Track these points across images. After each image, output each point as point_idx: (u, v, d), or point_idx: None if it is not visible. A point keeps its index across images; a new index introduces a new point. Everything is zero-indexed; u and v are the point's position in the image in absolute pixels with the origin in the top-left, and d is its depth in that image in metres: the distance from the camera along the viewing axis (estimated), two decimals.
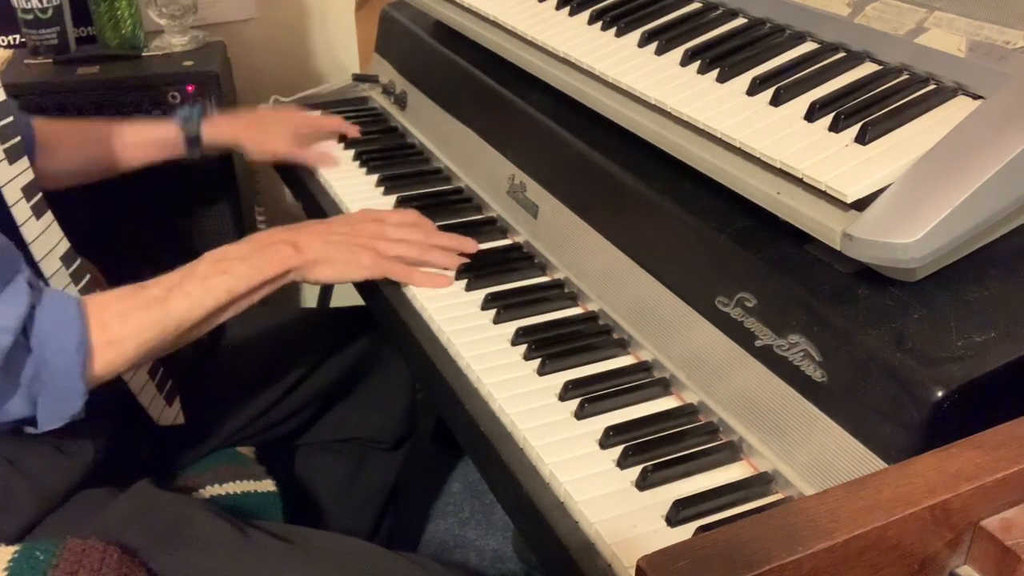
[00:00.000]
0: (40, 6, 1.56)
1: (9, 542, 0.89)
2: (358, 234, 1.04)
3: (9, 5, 1.57)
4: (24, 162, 0.92)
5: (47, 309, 0.82)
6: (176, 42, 1.65)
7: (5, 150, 0.90)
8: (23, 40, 1.61)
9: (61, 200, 0.98)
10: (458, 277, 1.05)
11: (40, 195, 0.93)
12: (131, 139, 1.29)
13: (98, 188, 1.28)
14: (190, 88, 1.52)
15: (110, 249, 1.09)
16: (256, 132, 1.35)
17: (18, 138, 0.92)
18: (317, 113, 1.45)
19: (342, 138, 1.41)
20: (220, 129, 1.33)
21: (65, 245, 0.95)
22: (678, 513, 0.73)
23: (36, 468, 0.95)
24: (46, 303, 0.83)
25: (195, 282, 0.92)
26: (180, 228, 1.64)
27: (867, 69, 0.86)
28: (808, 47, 0.92)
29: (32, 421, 0.84)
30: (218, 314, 0.95)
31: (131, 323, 0.87)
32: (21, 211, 0.90)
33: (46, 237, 0.93)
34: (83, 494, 0.97)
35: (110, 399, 0.94)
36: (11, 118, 0.92)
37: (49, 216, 0.94)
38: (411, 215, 1.11)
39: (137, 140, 1.29)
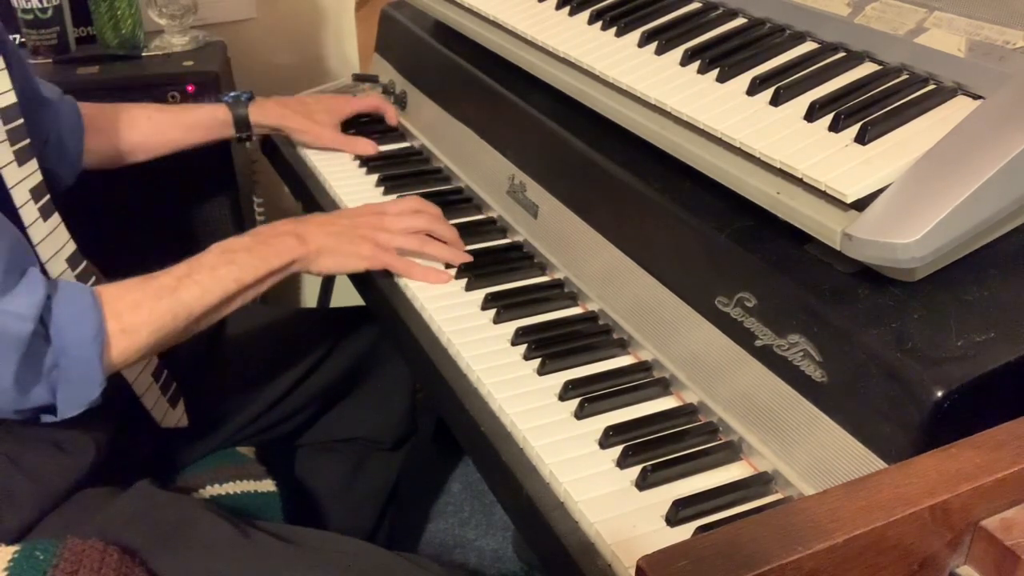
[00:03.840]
0: (40, 6, 1.56)
1: (9, 540, 0.89)
2: (359, 226, 1.06)
3: (9, 5, 1.57)
4: (33, 164, 0.93)
5: (63, 299, 0.84)
6: (176, 42, 1.65)
7: (15, 152, 0.90)
8: (23, 40, 1.61)
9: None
10: (458, 277, 1.05)
11: (48, 197, 0.94)
12: (183, 120, 1.31)
13: (97, 183, 1.28)
14: (190, 88, 1.52)
15: (109, 245, 1.09)
16: (302, 118, 1.37)
17: (27, 140, 0.92)
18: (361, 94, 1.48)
19: None
20: (267, 111, 1.36)
21: (72, 247, 0.96)
22: (678, 513, 0.73)
23: (37, 466, 0.95)
24: (62, 294, 0.84)
25: (204, 271, 0.94)
26: (179, 223, 1.64)
27: (867, 69, 0.86)
28: (808, 47, 0.92)
29: (51, 409, 0.85)
30: (227, 303, 0.96)
31: (144, 312, 0.89)
32: (29, 213, 0.91)
33: (53, 239, 0.93)
34: (84, 493, 0.97)
35: (112, 399, 0.94)
36: (21, 120, 0.92)
37: (56, 218, 0.95)
38: (413, 202, 1.12)
39: (189, 121, 1.32)
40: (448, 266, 1.08)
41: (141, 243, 1.48)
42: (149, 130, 1.28)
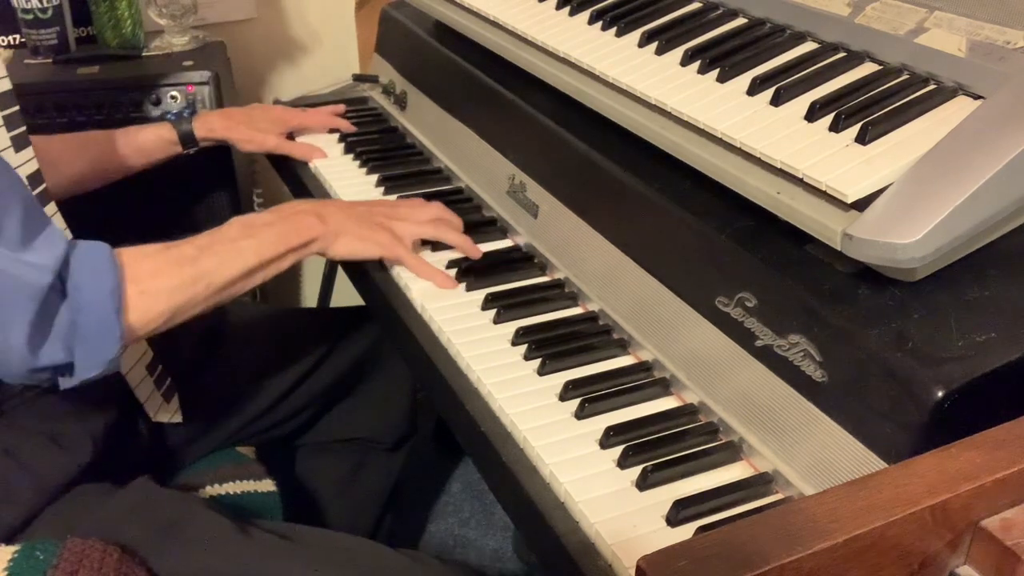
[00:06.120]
0: (40, 6, 1.56)
1: (7, 535, 0.89)
2: (375, 214, 1.08)
3: (9, 5, 1.57)
4: (29, 152, 0.93)
5: (81, 256, 0.84)
6: (176, 42, 1.65)
7: (12, 138, 0.90)
8: (23, 40, 1.61)
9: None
10: (458, 277, 1.05)
11: (44, 186, 0.94)
12: (129, 144, 1.31)
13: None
14: (190, 88, 1.52)
15: (105, 240, 1.09)
16: (245, 128, 1.38)
17: (23, 127, 0.92)
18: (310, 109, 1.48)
19: (341, 137, 1.41)
20: (212, 125, 1.36)
21: (67, 236, 0.96)
22: (678, 513, 0.73)
23: (34, 460, 0.95)
24: (80, 250, 0.84)
25: (225, 243, 0.94)
26: (178, 223, 1.63)
27: (867, 69, 0.86)
28: (808, 47, 0.92)
29: (69, 369, 0.84)
30: (247, 277, 0.96)
31: (163, 278, 0.88)
32: None
33: None
34: (82, 489, 0.97)
35: (107, 392, 0.94)
36: (16, 107, 0.92)
37: (52, 206, 0.95)
38: (417, 200, 1.14)
39: (135, 144, 1.32)
40: (451, 265, 1.08)
41: (139, 242, 1.48)
42: (98, 160, 1.29)
